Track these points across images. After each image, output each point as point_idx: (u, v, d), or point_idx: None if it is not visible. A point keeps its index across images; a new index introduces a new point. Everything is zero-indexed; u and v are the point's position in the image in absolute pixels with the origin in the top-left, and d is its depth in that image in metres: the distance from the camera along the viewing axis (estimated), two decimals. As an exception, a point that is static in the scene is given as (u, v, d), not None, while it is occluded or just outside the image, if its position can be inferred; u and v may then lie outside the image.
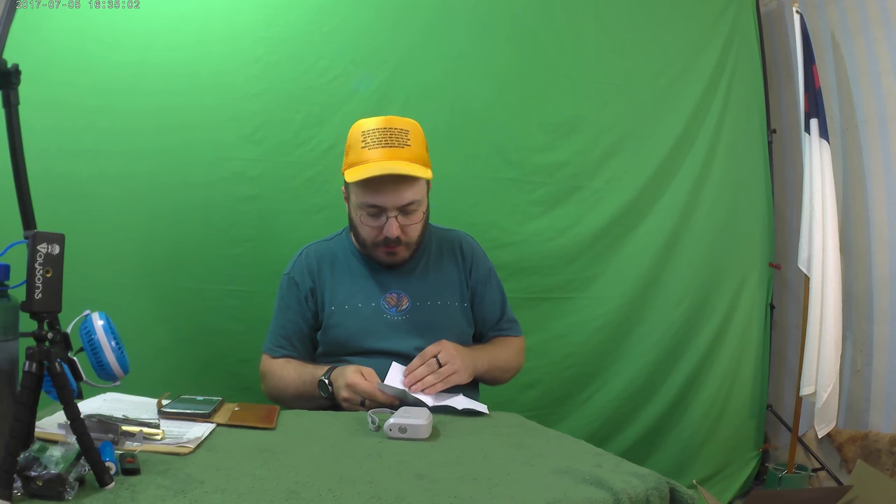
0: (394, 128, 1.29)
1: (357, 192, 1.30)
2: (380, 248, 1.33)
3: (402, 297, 1.39)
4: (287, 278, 1.42)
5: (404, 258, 1.37)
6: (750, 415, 2.41)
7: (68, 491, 0.63)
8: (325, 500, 0.69)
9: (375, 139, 1.27)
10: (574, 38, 2.18)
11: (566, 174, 2.14)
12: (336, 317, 1.37)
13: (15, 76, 0.73)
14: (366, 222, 1.31)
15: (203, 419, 0.97)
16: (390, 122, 1.30)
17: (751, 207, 2.43)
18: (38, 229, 0.67)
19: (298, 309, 1.39)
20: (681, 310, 2.27)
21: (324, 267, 1.41)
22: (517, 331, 1.51)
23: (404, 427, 0.97)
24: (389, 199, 1.27)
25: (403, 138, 1.28)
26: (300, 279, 1.40)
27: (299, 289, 1.40)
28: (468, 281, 1.46)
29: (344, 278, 1.40)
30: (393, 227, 1.28)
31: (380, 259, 1.37)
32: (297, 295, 1.40)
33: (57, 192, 1.61)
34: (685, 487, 0.84)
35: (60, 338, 0.69)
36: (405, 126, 1.31)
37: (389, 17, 1.95)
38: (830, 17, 2.41)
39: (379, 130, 1.28)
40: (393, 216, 1.28)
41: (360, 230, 1.34)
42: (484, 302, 1.47)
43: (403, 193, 1.27)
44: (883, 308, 2.21)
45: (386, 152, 1.26)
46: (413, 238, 1.35)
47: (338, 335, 1.36)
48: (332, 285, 1.39)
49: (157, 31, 1.72)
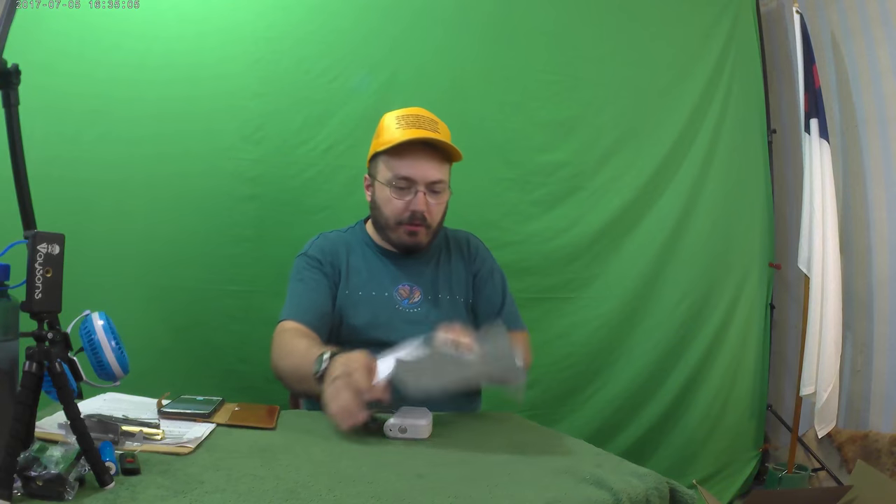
0: (426, 116, 1.36)
1: (389, 164, 1.33)
2: (403, 226, 1.35)
3: (414, 289, 1.39)
4: (305, 257, 1.39)
5: (423, 242, 1.37)
6: (750, 415, 2.41)
7: (68, 491, 0.63)
8: (325, 500, 0.69)
9: (409, 122, 1.33)
10: (574, 39, 2.18)
11: (566, 174, 2.14)
12: (350, 300, 1.36)
13: (15, 76, 0.73)
14: (394, 196, 1.33)
15: (203, 419, 0.97)
16: (421, 111, 1.37)
17: (751, 207, 2.43)
18: (38, 229, 0.67)
19: (316, 285, 1.34)
20: (681, 310, 2.27)
21: (340, 251, 1.41)
22: (521, 326, 1.48)
23: (404, 427, 0.96)
24: (420, 171, 1.31)
25: (434, 126, 1.35)
26: (321, 256, 1.38)
27: (321, 264, 1.37)
28: (471, 276, 1.46)
29: (359, 265, 1.40)
30: (420, 201, 1.32)
31: (400, 239, 1.37)
32: (319, 269, 1.36)
33: (57, 193, 1.60)
34: (685, 487, 0.85)
35: (60, 338, 0.68)
36: (435, 118, 1.38)
37: (390, 17, 1.95)
38: (830, 17, 2.41)
39: (413, 115, 1.35)
40: (421, 191, 1.32)
41: (386, 207, 1.35)
42: (483, 296, 1.45)
43: (433, 170, 1.33)
44: (883, 308, 2.22)
45: (421, 131, 1.31)
46: (435, 221, 1.37)
47: (349, 321, 1.35)
48: (348, 270, 1.39)
49: (156, 32, 1.72)
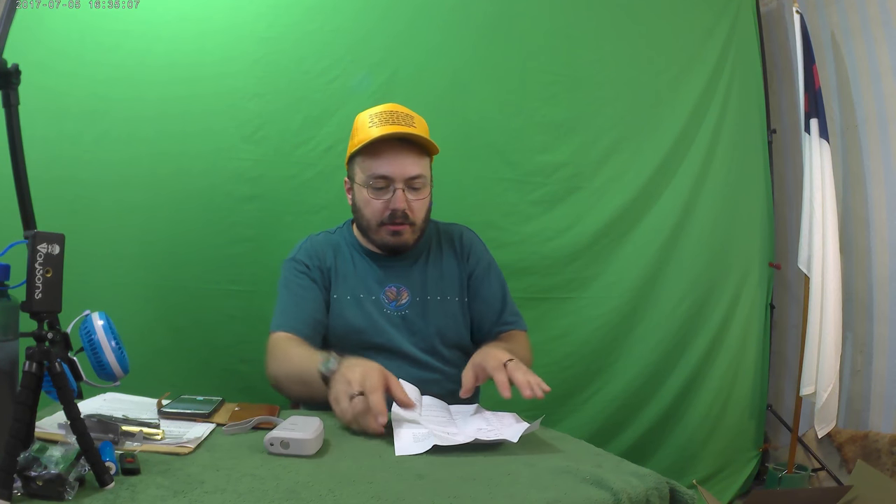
0: (399, 111, 1.33)
1: (364, 165, 1.31)
2: (385, 226, 1.32)
3: (401, 290, 1.37)
4: (293, 262, 1.37)
5: (408, 241, 1.35)
6: (750, 415, 2.41)
7: (68, 491, 0.63)
8: (325, 500, 0.69)
9: (383, 119, 1.31)
10: (574, 39, 2.18)
11: (565, 174, 2.14)
12: (338, 304, 1.35)
13: (15, 76, 0.73)
14: (372, 197, 1.31)
15: (203, 419, 0.97)
16: (396, 107, 1.35)
17: (751, 207, 2.43)
18: (38, 229, 0.67)
19: (305, 292, 1.33)
20: (681, 310, 2.27)
21: (328, 253, 1.39)
22: (521, 325, 1.45)
23: (287, 442, 0.84)
24: (397, 169, 1.29)
25: (410, 120, 1.32)
26: (308, 261, 1.37)
27: (309, 269, 1.35)
28: (466, 275, 1.44)
29: (347, 269, 1.38)
30: (399, 199, 1.29)
31: (384, 241, 1.34)
32: (307, 274, 1.35)
33: (57, 193, 1.60)
34: (685, 487, 0.85)
35: (60, 338, 0.69)
36: (411, 112, 1.35)
37: (390, 17, 1.95)
38: (830, 17, 2.41)
39: (386, 112, 1.32)
40: (400, 188, 1.29)
41: (365, 210, 1.33)
42: (481, 295, 1.42)
43: (411, 165, 1.30)
44: (883, 308, 2.22)
45: (395, 127, 1.29)
46: (419, 218, 1.34)
47: (336, 327, 1.34)
48: (336, 273, 1.37)
49: (156, 32, 1.72)
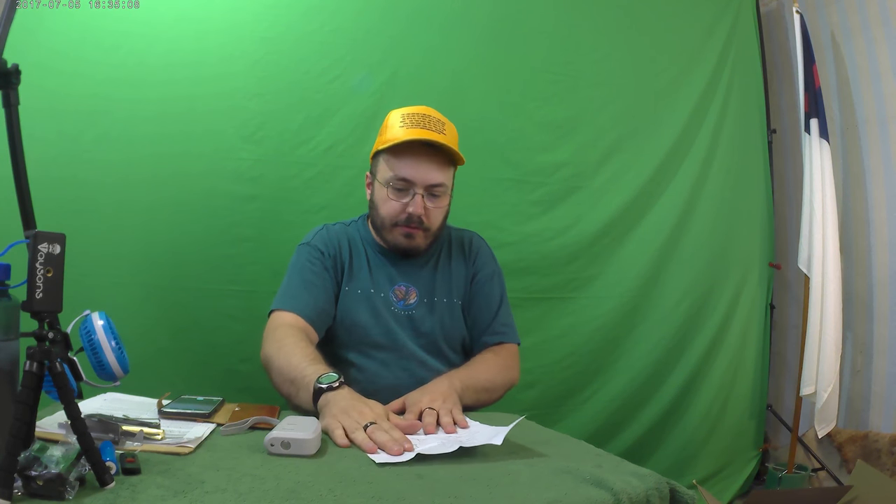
0: (432, 116, 1.32)
1: (389, 164, 1.30)
2: (399, 227, 1.31)
3: (410, 290, 1.37)
4: (308, 247, 1.35)
5: (420, 245, 1.34)
6: (750, 415, 2.41)
7: (68, 490, 0.63)
8: (325, 500, 0.69)
9: (415, 121, 1.29)
10: (574, 39, 2.18)
11: (565, 174, 2.14)
12: (349, 298, 1.34)
13: (15, 76, 0.73)
14: (392, 197, 1.30)
15: (203, 419, 0.97)
16: (429, 111, 1.33)
17: (751, 207, 2.44)
18: (39, 229, 0.67)
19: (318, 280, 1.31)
20: (681, 309, 2.27)
21: (344, 245, 1.38)
22: (511, 337, 1.41)
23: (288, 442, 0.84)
24: (420, 174, 1.28)
25: (440, 126, 1.31)
26: (325, 249, 1.35)
27: (324, 256, 1.34)
28: (471, 280, 1.43)
29: (360, 263, 1.38)
30: (418, 204, 1.28)
31: (396, 241, 1.33)
32: (322, 262, 1.33)
33: (57, 193, 1.60)
34: (685, 487, 0.84)
35: (61, 337, 0.69)
36: (443, 118, 1.34)
37: (390, 17, 1.95)
38: (830, 17, 2.41)
39: (418, 115, 1.30)
40: (420, 193, 1.28)
41: (383, 207, 1.32)
42: (477, 301, 1.41)
43: (434, 172, 1.29)
44: (883, 308, 2.22)
45: (424, 132, 1.27)
46: (434, 225, 1.33)
47: (343, 320, 1.33)
48: (350, 267, 1.37)
49: (157, 32, 1.72)
